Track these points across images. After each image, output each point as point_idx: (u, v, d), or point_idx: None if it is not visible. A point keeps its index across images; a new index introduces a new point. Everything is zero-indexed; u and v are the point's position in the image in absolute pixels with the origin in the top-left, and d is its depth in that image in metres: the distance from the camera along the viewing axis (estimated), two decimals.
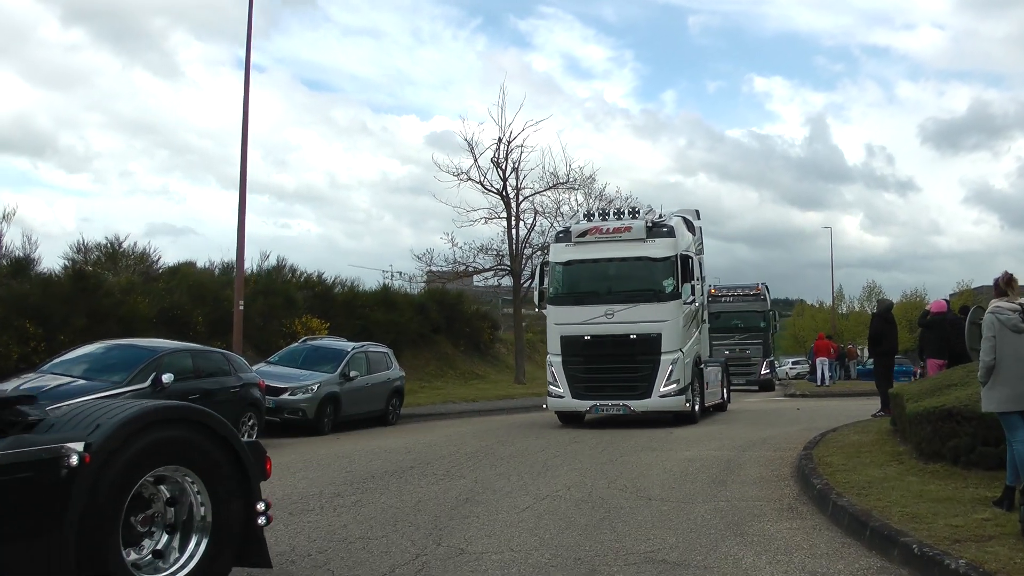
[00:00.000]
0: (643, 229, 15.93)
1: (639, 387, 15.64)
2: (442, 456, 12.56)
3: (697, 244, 18.07)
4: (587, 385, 15.96)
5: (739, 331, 33.19)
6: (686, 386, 15.70)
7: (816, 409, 21.12)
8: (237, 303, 18.25)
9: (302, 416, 16.35)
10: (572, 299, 16.30)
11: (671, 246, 15.85)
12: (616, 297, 15.96)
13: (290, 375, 17.02)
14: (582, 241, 16.40)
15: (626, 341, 15.60)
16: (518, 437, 14.73)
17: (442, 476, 10.61)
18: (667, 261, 15.79)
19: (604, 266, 16.38)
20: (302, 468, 11.62)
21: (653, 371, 15.51)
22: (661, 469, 10.66)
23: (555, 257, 16.70)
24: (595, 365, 15.86)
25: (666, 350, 15.45)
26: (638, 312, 15.62)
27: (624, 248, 16.06)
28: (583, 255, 16.34)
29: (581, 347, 15.98)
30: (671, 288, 15.68)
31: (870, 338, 15.98)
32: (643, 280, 15.99)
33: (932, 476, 8.35)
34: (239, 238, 18.50)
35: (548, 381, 16.51)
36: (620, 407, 15.64)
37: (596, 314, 15.85)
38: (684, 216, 17.69)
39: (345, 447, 14.18)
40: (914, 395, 10.54)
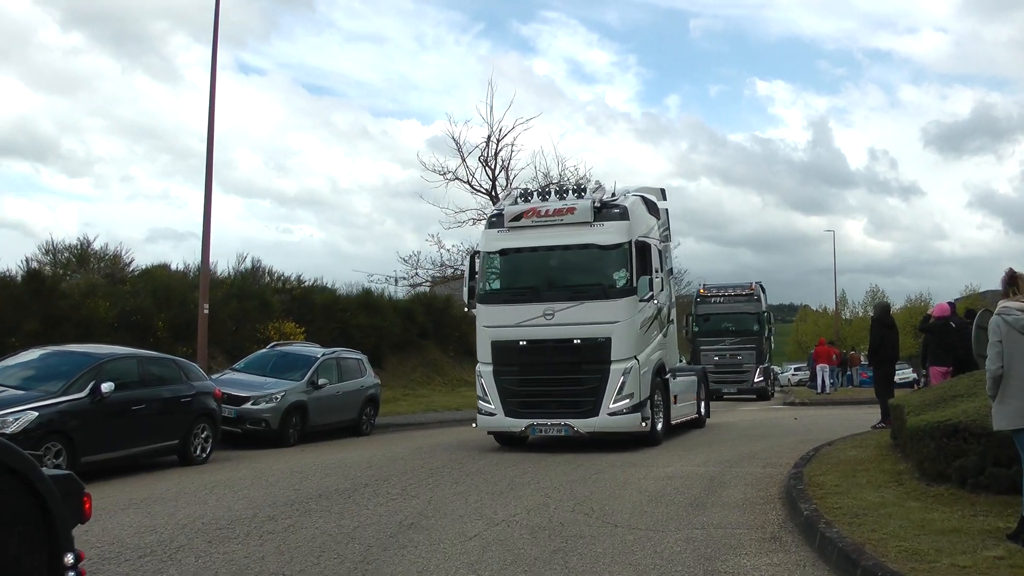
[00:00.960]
0: (589, 210, 13.12)
1: (584, 403, 12.95)
2: (404, 471, 11.58)
3: (662, 229, 15.33)
4: (522, 400, 13.28)
5: (730, 335, 30.42)
6: (643, 401, 12.99)
7: (814, 418, 20.08)
8: (202, 306, 17.30)
9: (265, 427, 15.39)
10: (504, 297, 13.61)
11: (624, 230, 13.05)
12: (557, 294, 13.22)
13: (254, 383, 16.05)
14: (516, 226, 13.52)
15: (568, 347, 12.98)
16: (492, 449, 13.72)
17: (395, 495, 9.63)
18: (619, 249, 13.04)
19: (542, 256, 13.57)
20: (248, 486, 10.65)
21: (601, 383, 12.85)
22: (636, 489, 9.65)
23: (485, 245, 13.96)
24: (532, 376, 13.26)
25: (617, 358, 12.79)
26: (583, 312, 12.94)
27: (566, 233, 13.25)
28: (516, 243, 13.56)
29: (515, 354, 13.33)
30: (624, 282, 12.97)
31: (871, 346, 14.92)
32: (589, 272, 13.33)
33: (936, 501, 7.34)
34: (204, 239, 17.56)
35: (478, 395, 13.85)
36: (561, 427, 12.95)
37: (532, 315, 13.15)
38: (643, 196, 14.70)
39: (305, 461, 13.20)
40: (916, 407, 9.53)
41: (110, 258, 22.50)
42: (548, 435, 13.26)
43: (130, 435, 11.92)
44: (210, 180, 17.58)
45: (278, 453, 14.53)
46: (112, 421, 11.57)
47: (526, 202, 13.87)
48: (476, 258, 14.05)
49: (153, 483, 11.08)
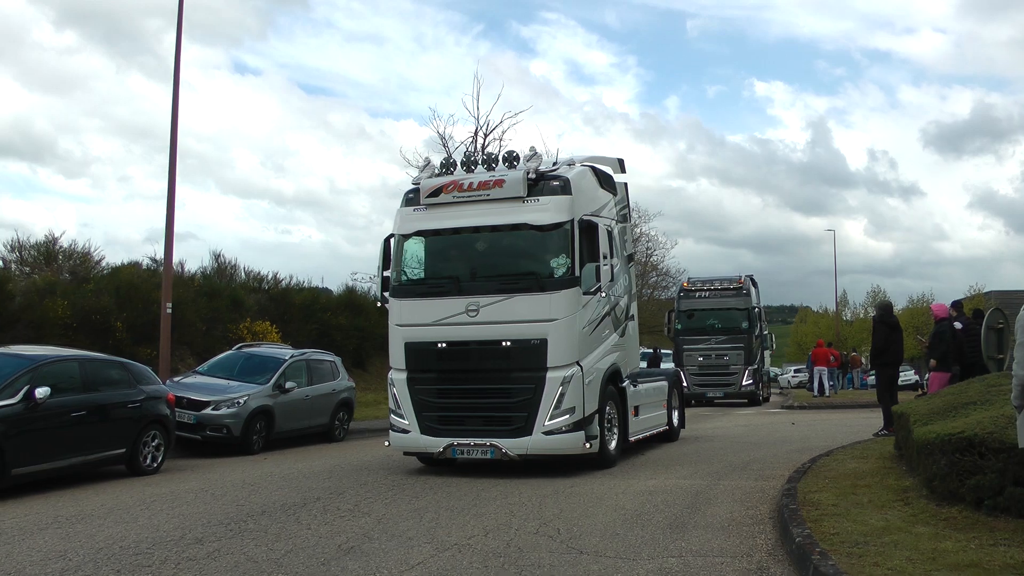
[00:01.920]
0: (521, 182, 10.72)
1: (515, 419, 10.64)
2: (364, 482, 10.65)
3: (619, 207, 12.90)
4: (441, 415, 11.01)
5: (716, 333, 27.38)
6: (587, 416, 10.67)
7: (813, 424, 19.13)
8: (164, 305, 16.36)
9: (226, 433, 14.45)
10: (420, 289, 11.29)
11: (565, 207, 10.64)
12: (482, 285, 10.87)
13: (216, 387, 15.12)
14: (435, 202, 11.15)
15: (496, 351, 10.73)
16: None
17: (345, 512, 8.69)
18: (558, 230, 10.63)
19: (465, 239, 11.21)
20: (191, 500, 9.71)
21: (535, 395, 10.53)
22: (611, 506, 8.69)
23: (398, 227, 11.49)
24: (453, 386, 10.99)
25: (555, 364, 10.50)
26: (513, 307, 10.62)
27: (494, 211, 10.89)
28: (433, 223, 11.17)
29: (433, 359, 11.05)
30: (564, 271, 10.60)
31: (874, 349, 13.89)
32: (521, 259, 11.05)
33: (948, 526, 6.38)
34: (167, 236, 16.63)
35: (390, 408, 11.50)
36: (486, 448, 10.67)
37: (453, 311, 10.86)
38: (594, 166, 12.11)
39: (264, 471, 12.26)
40: (922, 415, 8.57)
41: (78, 256, 21.54)
42: (471, 458, 10.98)
43: (69, 444, 10.97)
44: (173, 176, 16.74)
45: (238, 462, 13.60)
46: (48, 429, 10.63)
47: (448, 174, 11.40)
48: (389, 243, 11.59)
49: (90, 497, 10.14)
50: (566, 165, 11.51)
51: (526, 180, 10.77)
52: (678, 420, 15.14)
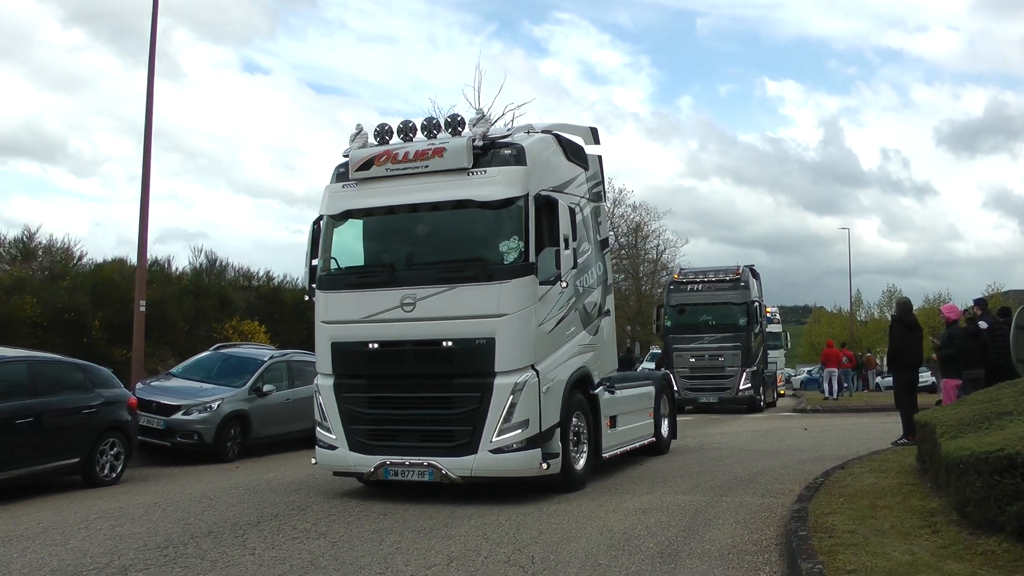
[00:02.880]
0: (465, 151, 9.06)
1: (457, 434, 9.04)
2: (333, 496, 9.73)
3: (592, 184, 10.94)
4: (373, 429, 9.42)
5: (710, 330, 24.24)
6: (546, 431, 9.01)
7: (826, 429, 18.07)
8: (137, 303, 15.49)
9: (197, 440, 13.54)
10: (348, 280, 9.68)
11: (518, 180, 9.00)
12: (420, 274, 9.27)
13: (189, 390, 14.23)
14: (365, 177, 9.50)
15: (435, 352, 9.13)
16: None
17: (299, 533, 7.77)
18: (510, 207, 8.99)
19: (400, 220, 9.59)
20: (138, 517, 8.84)
21: (481, 405, 8.90)
22: (598, 527, 7.71)
23: (325, 206, 9.90)
24: (385, 394, 9.39)
25: (504, 368, 8.87)
26: (455, 300, 9.02)
27: (433, 185, 9.20)
28: (363, 201, 9.53)
29: (363, 362, 9.45)
30: (516, 255, 8.90)
31: (890, 350, 12.78)
32: (465, 242, 9.45)
33: (986, 561, 5.38)
34: (141, 229, 15.76)
35: (316, 420, 9.95)
36: (423, 469, 9.02)
37: (386, 305, 9.23)
38: (557, 134, 10.28)
39: (229, 482, 11.34)
40: (950, 426, 7.55)
41: (59, 251, 20.70)
42: (406, 480, 9.25)
43: (14, 455, 10.09)
44: (147, 171, 15.87)
45: (207, 471, 12.68)
46: None
47: (383, 143, 9.66)
48: (318, 226, 9.96)
49: (31, 513, 9.25)
50: (523, 132, 9.85)
51: (471, 148, 9.08)
52: (668, 430, 13.45)
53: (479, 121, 9.31)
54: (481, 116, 9.35)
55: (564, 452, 9.33)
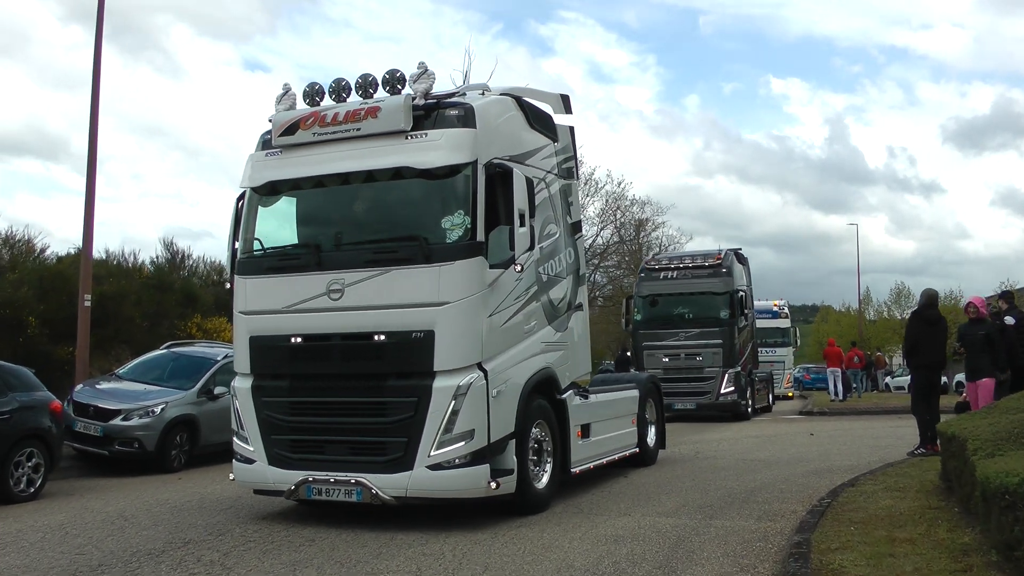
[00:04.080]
0: (402, 112, 7.72)
1: (389, 446, 7.63)
2: (261, 519, 8.44)
3: (561, 159, 9.54)
4: (294, 439, 8.06)
5: (687, 325, 20.90)
6: (497, 443, 7.66)
7: (834, 434, 16.69)
8: (82, 297, 14.25)
9: (138, 448, 12.28)
10: (269, 263, 8.36)
11: (465, 145, 7.68)
12: (349, 255, 7.96)
13: (132, 393, 12.97)
14: (290, 143, 8.21)
15: (365, 348, 7.79)
16: None
17: (203, 566, 6.55)
18: (455, 177, 7.67)
19: (329, 193, 8.30)
20: (28, 546, 7.65)
21: (418, 412, 7.52)
22: (558, 560, 6.39)
23: (246, 178, 8.57)
24: (309, 398, 8.05)
25: (446, 366, 7.50)
26: (389, 285, 7.66)
27: (366, 151, 7.89)
28: (286, 170, 8.25)
29: (284, 360, 8.14)
30: (461, 232, 7.59)
31: (904, 346, 11.36)
32: (402, 217, 8.09)
33: None
34: (86, 220, 14.53)
35: (233, 428, 8.55)
36: (351, 487, 7.62)
37: (311, 292, 7.92)
38: (519, 97, 8.85)
39: (158, 497, 10.08)
40: (985, 440, 6.22)
41: (20, 244, 19.48)
42: (331, 500, 7.83)
43: None
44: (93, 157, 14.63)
45: (146, 483, 11.41)
46: None
47: (313, 105, 8.28)
48: (242, 203, 8.60)
49: None
50: (477, 93, 8.57)
51: (410, 108, 7.73)
52: (655, 438, 12.03)
53: (420, 77, 7.92)
54: (424, 71, 7.94)
55: (521, 468, 7.95)
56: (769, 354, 30.55)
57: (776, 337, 32.34)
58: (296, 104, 8.48)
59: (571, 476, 9.09)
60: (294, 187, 8.37)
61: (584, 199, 33.95)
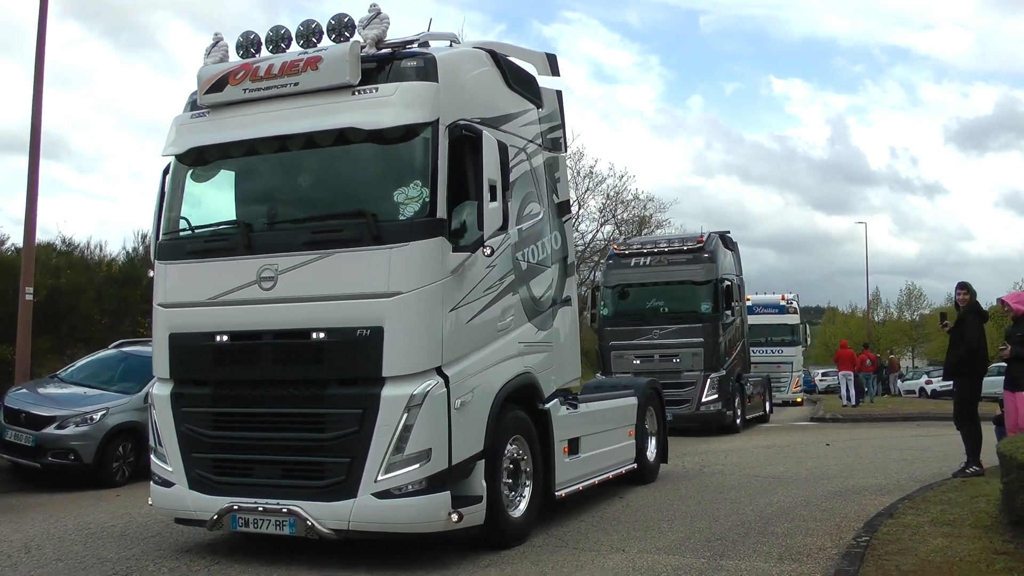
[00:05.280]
0: (349, 62, 6.37)
1: (329, 468, 6.28)
2: (182, 552, 7.09)
3: (546, 128, 8.18)
4: (218, 459, 6.69)
5: (663, 320, 17.69)
6: (460, 465, 6.31)
7: (852, 445, 15.29)
8: (23, 291, 12.93)
9: (74, 460, 10.91)
10: (192, 246, 6.96)
11: (424, 101, 6.35)
12: (283, 237, 6.66)
13: (71, 398, 11.62)
14: (218, 101, 6.87)
15: (301, 349, 6.45)
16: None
17: None
18: (412, 140, 6.35)
19: (262, 161, 6.93)
20: None
21: (363, 427, 6.16)
22: None
23: (167, 145, 7.14)
24: (234, 409, 6.69)
25: (396, 372, 6.17)
26: (330, 272, 6.37)
27: (305, 111, 6.56)
28: (216, 134, 6.89)
29: (208, 362, 6.77)
30: (418, 208, 6.27)
31: (961, 352, 9.53)
32: (346, 190, 6.76)
33: None
34: (29, 200, 13.21)
35: (150, 444, 7.22)
36: (283, 518, 6.26)
37: (240, 279, 6.59)
38: (494, 52, 7.42)
39: (79, 521, 8.73)
40: None
41: None
42: (261, 532, 6.43)
43: None
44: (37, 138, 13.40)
45: (78, 501, 10.05)
46: None
47: (247, 57, 6.90)
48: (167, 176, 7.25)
49: None
50: (444, 43, 7.18)
51: (357, 58, 6.40)
52: (656, 451, 10.68)
53: (372, 22, 6.53)
54: (376, 14, 6.55)
55: (492, 494, 6.61)
56: (775, 354, 28.17)
57: (783, 335, 29.22)
58: (228, 57, 7.14)
59: (555, 500, 7.72)
60: (222, 154, 6.98)
61: (584, 193, 32.56)
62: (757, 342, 27.42)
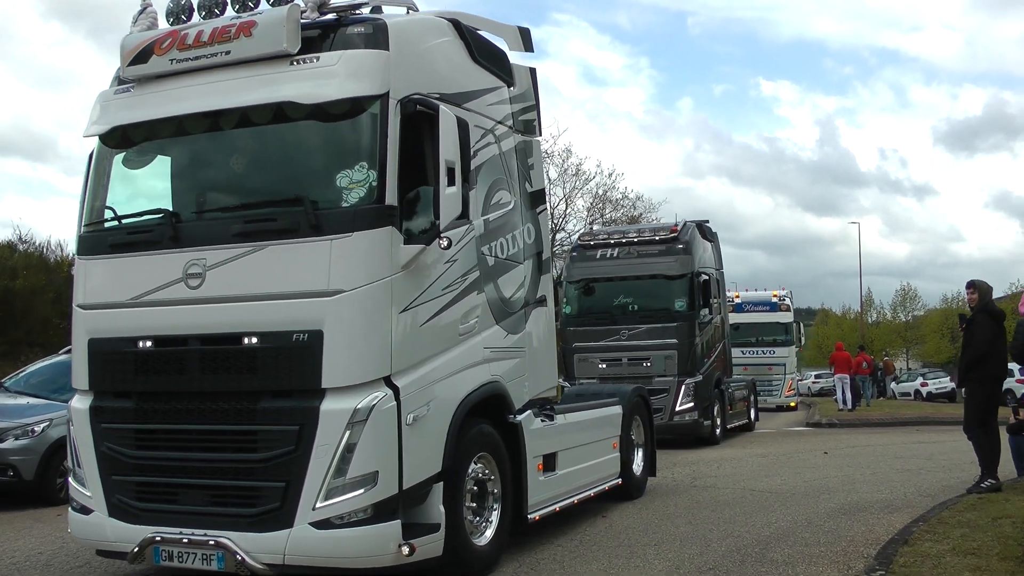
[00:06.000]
0: (286, 28, 5.53)
1: (262, 493, 5.42)
2: None
3: (518, 108, 7.33)
4: (140, 482, 5.85)
5: (632, 319, 15.98)
6: (413, 489, 5.48)
7: (851, 454, 14.51)
8: None
9: (13, 476, 10.07)
10: (113, 238, 6.14)
11: (372, 73, 5.55)
12: (212, 228, 5.87)
13: (11, 409, 10.75)
14: (144, 74, 6.03)
15: (231, 356, 5.62)
16: None
17: None
18: (357, 116, 5.55)
19: (192, 142, 6.16)
20: None
21: (299, 447, 5.30)
22: None
23: (92, 124, 6.29)
24: (158, 425, 5.86)
25: (337, 382, 5.34)
26: (263, 268, 5.54)
27: (238, 83, 5.74)
28: (138, 111, 6.06)
29: (129, 371, 5.92)
30: (364, 194, 5.45)
31: (973, 355, 8.70)
32: (282, 173, 5.95)
33: None
34: None
35: (67, 466, 6.83)
36: (210, 552, 5.41)
37: (165, 277, 5.77)
38: (458, 21, 6.58)
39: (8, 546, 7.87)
40: None
41: None
42: (186, 566, 5.56)
43: None
44: None
45: (13, 521, 9.28)
46: None
47: (178, 23, 6.04)
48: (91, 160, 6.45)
49: None
50: (400, 9, 6.34)
51: (296, 23, 5.58)
52: (643, 464, 9.89)
53: None
54: None
55: (452, 521, 5.80)
56: (766, 355, 27.04)
57: (775, 334, 27.62)
58: (157, 25, 6.31)
59: (528, 524, 6.91)
60: (149, 134, 6.16)
61: (572, 192, 31.77)
62: (747, 342, 26.54)
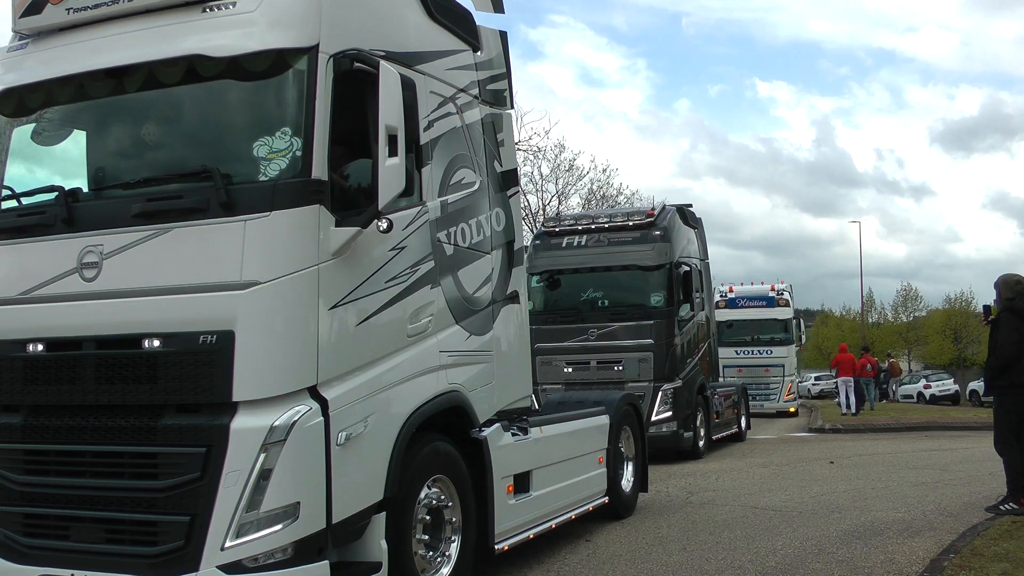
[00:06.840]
0: None
1: (162, 529, 4.36)
2: None
3: (486, 76, 6.36)
4: (29, 514, 4.78)
5: (602, 316, 14.08)
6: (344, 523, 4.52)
7: (859, 463, 13.52)
8: None
9: None
10: (2, 224, 5.12)
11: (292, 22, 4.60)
12: (108, 208, 4.81)
13: None
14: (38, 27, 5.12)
15: (128, 362, 4.59)
16: None
17: None
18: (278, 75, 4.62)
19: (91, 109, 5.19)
20: None
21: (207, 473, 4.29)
22: None
23: None
24: (48, 446, 4.82)
25: (251, 394, 4.36)
26: (166, 255, 4.55)
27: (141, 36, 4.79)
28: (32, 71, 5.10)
29: (17, 380, 4.89)
30: (285, 164, 4.51)
31: (999, 360, 7.75)
32: (189, 142, 4.98)
33: None
34: None
35: None
36: None
37: (59, 266, 4.75)
38: None
39: None
40: None
41: None
42: None
43: None
44: None
45: None
46: None
47: None
48: None
49: None
50: None
51: None
52: (634, 479, 8.94)
53: None
54: None
55: (399, 558, 4.86)
56: (763, 355, 25.11)
57: (773, 332, 25.40)
58: None
59: (495, 555, 5.94)
60: (47, 98, 5.15)
61: (565, 188, 30.74)
62: (742, 341, 25.02)
